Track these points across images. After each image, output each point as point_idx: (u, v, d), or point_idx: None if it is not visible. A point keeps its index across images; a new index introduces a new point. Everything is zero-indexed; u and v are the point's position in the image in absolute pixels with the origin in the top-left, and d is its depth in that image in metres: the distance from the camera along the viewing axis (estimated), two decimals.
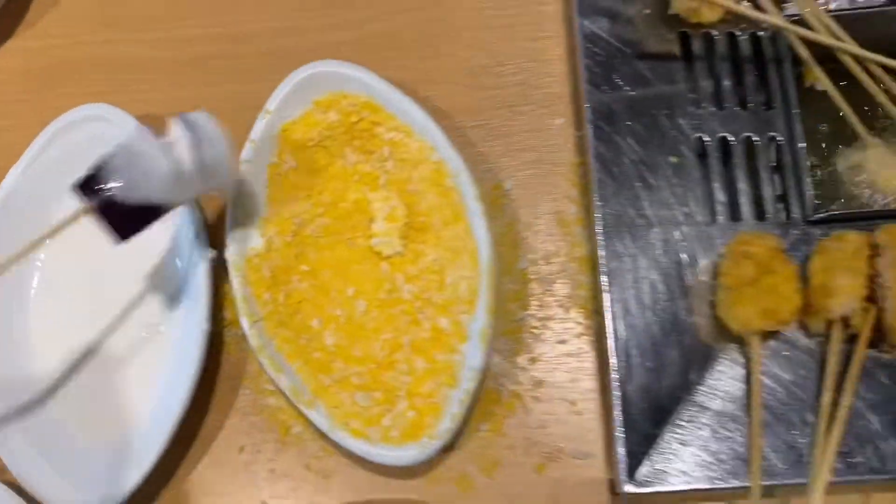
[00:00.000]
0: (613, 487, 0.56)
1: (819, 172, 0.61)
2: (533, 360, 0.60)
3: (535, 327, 0.61)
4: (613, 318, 0.56)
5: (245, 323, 0.57)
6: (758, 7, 0.60)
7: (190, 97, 0.67)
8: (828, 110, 0.61)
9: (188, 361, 0.56)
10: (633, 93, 0.60)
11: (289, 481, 0.59)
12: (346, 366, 0.57)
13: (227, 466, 0.60)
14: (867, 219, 0.57)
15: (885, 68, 0.60)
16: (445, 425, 0.54)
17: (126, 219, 0.50)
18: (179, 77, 0.69)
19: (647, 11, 0.62)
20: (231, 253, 0.58)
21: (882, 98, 0.60)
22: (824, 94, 0.60)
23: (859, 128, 0.61)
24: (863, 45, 0.60)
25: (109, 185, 0.49)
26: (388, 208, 0.59)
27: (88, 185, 0.50)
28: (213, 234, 0.60)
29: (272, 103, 0.60)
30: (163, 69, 0.69)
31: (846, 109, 0.61)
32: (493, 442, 0.59)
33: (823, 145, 0.63)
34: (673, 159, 0.59)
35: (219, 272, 0.60)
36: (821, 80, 0.61)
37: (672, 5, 0.60)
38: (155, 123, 0.65)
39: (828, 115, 0.61)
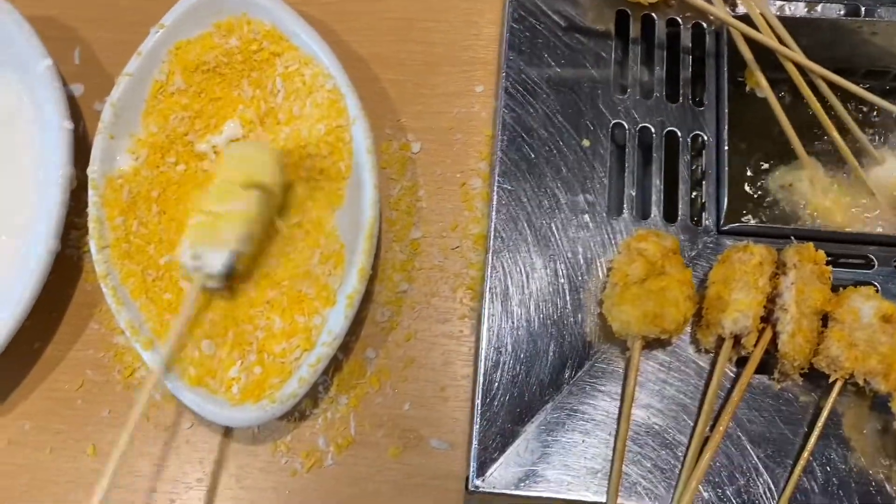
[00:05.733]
0: (467, 484, 0.51)
1: (746, 182, 0.57)
2: (408, 337, 0.56)
3: (418, 302, 0.56)
4: (491, 302, 0.51)
5: (93, 246, 0.52)
6: None
7: (92, 4, 0.62)
8: (764, 119, 0.56)
9: (29, 278, 0.51)
10: (558, 67, 0.55)
11: (124, 429, 0.54)
12: (196, 311, 0.52)
13: (63, 402, 0.55)
14: (784, 237, 0.52)
15: (830, 84, 0.56)
16: (291, 388, 0.50)
17: None
18: None
19: None
20: (93, 170, 0.53)
21: (823, 116, 0.56)
22: (763, 101, 0.56)
23: (797, 145, 0.57)
24: (811, 58, 0.55)
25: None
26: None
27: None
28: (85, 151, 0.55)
29: (168, 18, 0.55)
30: None
31: (785, 122, 0.56)
32: (351, 417, 0.54)
33: (753, 154, 0.58)
34: (585, 142, 0.54)
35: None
36: (761, 85, 0.57)
37: None
38: (47, 26, 0.60)
39: (763, 124, 0.57)
